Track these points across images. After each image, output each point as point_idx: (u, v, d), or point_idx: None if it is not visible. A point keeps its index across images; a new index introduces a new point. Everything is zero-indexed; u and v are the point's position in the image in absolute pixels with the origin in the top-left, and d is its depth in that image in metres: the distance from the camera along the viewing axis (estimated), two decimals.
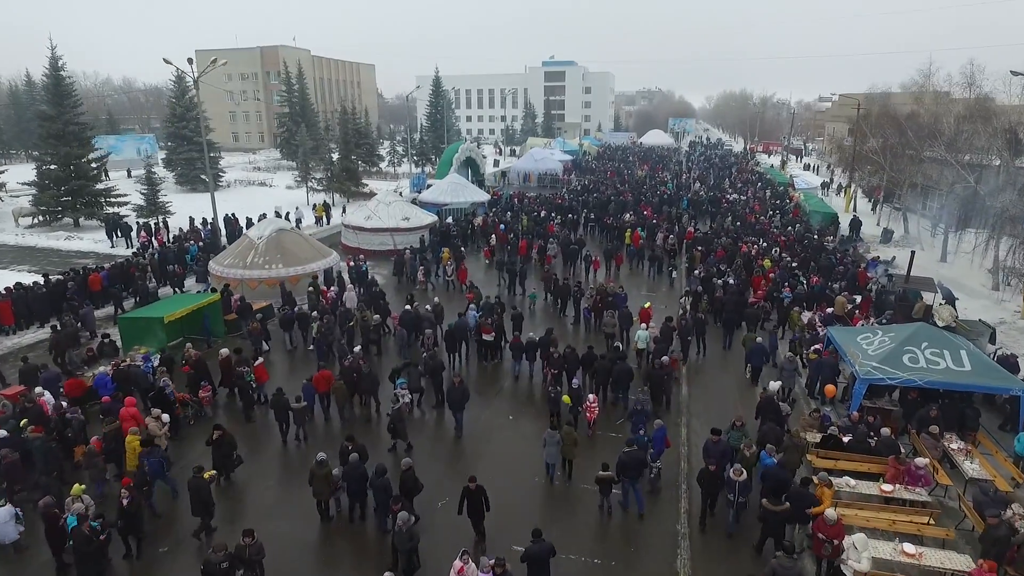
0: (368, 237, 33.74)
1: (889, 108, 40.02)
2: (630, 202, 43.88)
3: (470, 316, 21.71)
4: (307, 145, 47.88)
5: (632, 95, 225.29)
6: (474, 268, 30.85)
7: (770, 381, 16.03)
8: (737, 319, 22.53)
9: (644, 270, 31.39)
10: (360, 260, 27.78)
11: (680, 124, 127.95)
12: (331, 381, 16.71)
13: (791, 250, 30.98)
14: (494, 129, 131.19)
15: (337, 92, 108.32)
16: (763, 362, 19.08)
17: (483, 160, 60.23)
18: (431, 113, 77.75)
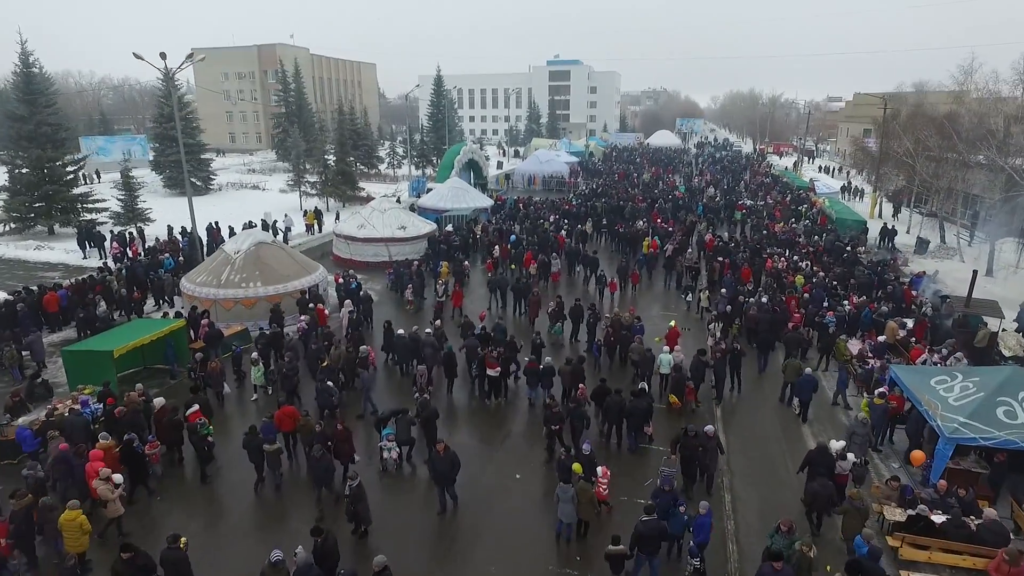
0: (361, 248, 31.11)
1: (924, 107, 37.11)
2: (643, 208, 41.21)
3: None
4: (300, 147, 45.30)
5: (637, 95, 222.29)
6: (477, 284, 28.25)
7: (832, 440, 13.25)
8: (772, 340, 19.99)
9: (663, 283, 28.81)
10: (350, 276, 25.09)
11: (688, 124, 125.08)
12: (296, 418, 14.24)
13: (823, 264, 28.24)
14: (497, 129, 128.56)
15: (337, 92, 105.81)
16: (812, 396, 16.54)
17: (486, 162, 57.59)
18: (433, 113, 75.12)
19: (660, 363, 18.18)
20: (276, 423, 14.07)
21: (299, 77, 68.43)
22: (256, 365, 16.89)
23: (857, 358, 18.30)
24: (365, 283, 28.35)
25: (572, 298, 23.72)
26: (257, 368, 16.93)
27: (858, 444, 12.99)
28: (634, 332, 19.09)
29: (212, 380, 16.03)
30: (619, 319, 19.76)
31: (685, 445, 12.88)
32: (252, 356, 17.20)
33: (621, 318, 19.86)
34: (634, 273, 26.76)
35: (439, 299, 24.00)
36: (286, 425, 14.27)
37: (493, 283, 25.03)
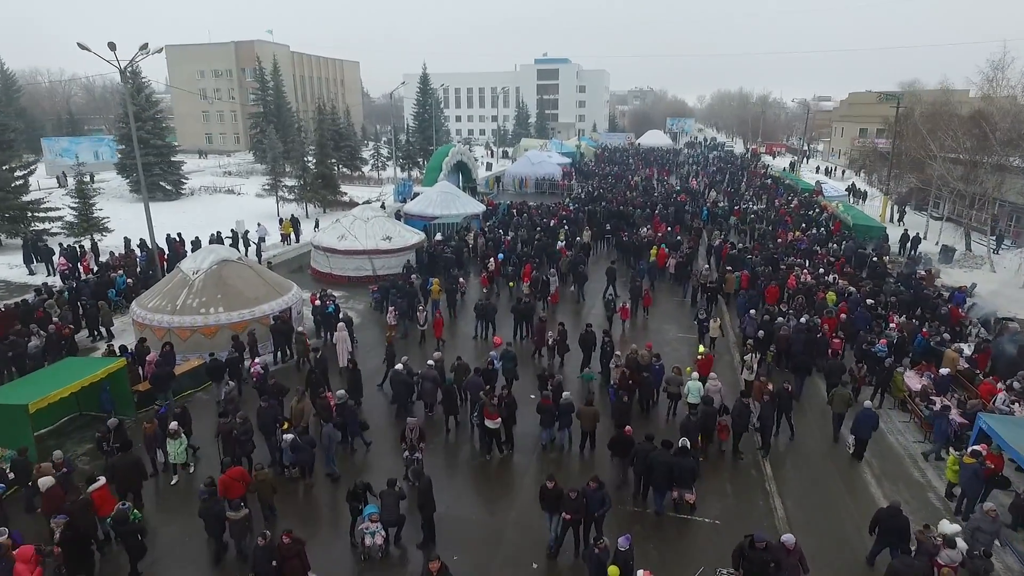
0: (341, 261, 28.13)
1: (949, 105, 34.77)
2: (647, 214, 38.60)
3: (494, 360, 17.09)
4: (277, 148, 42.12)
5: (624, 95, 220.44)
6: (472, 304, 25.37)
7: (944, 521, 10.61)
8: (808, 364, 17.66)
9: (676, 296, 26.28)
10: (327, 297, 22.09)
11: (678, 124, 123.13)
12: (247, 480, 11.59)
13: (850, 278, 25.74)
14: (485, 129, 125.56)
15: (318, 91, 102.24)
16: (871, 434, 14.19)
17: (475, 164, 54.77)
18: (418, 113, 72.10)
19: (688, 391, 15.74)
20: (221, 491, 11.23)
21: (278, 75, 65.06)
22: (175, 438, 12.88)
23: (920, 396, 15.71)
24: (348, 301, 25.54)
25: (581, 322, 21.05)
26: (177, 441, 12.91)
27: (984, 536, 10.33)
28: (654, 374, 16.23)
29: (147, 444, 12.90)
30: (635, 358, 16.68)
31: (752, 560, 9.53)
32: (171, 426, 12.95)
33: (638, 356, 16.77)
34: (646, 294, 23.88)
35: (421, 327, 21.09)
36: (234, 491, 11.46)
37: (479, 309, 21.57)
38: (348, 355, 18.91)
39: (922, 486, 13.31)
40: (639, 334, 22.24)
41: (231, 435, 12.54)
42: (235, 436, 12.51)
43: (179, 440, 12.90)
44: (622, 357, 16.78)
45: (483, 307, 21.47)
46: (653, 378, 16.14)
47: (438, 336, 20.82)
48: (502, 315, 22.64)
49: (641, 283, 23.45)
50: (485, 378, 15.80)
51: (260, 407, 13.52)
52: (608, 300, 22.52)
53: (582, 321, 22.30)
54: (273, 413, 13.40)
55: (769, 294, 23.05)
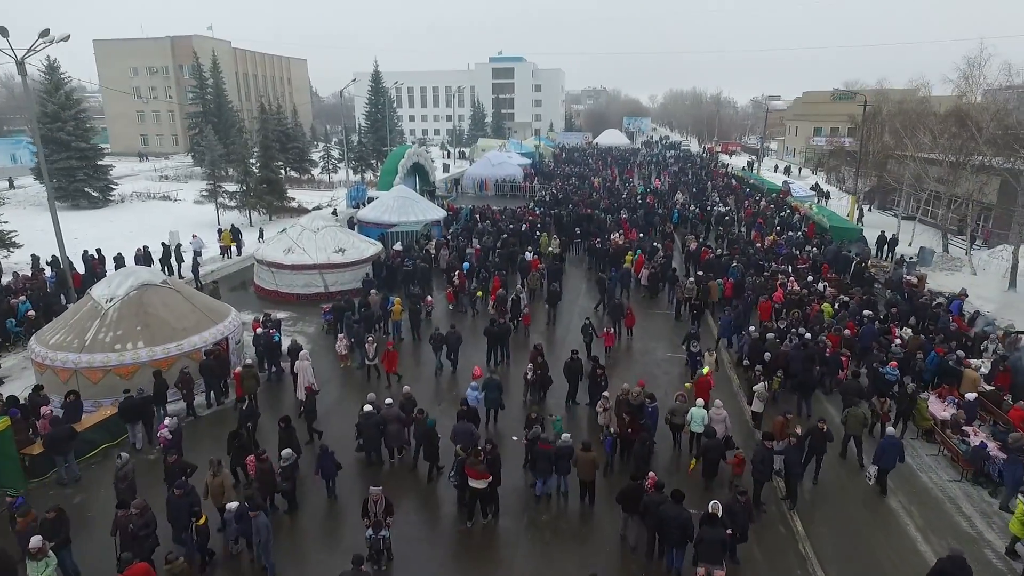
0: (289, 277, 25.15)
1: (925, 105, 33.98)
2: (617, 218, 36.70)
3: (470, 397, 14.75)
4: (215, 150, 38.52)
5: (577, 94, 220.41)
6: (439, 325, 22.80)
7: None
8: (812, 382, 16.34)
9: (656, 305, 24.41)
10: (270, 326, 19.16)
11: (635, 123, 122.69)
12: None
13: (840, 285, 24.31)
14: (439, 129, 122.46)
15: (264, 89, 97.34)
16: (896, 465, 12.73)
17: (432, 166, 52.05)
18: (371, 112, 68.80)
19: (691, 419, 13.94)
20: None
21: (218, 72, 60.74)
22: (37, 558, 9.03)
23: (951, 427, 14.04)
24: (296, 323, 22.64)
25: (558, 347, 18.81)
26: (40, 564, 9.06)
27: None
28: (649, 416, 13.93)
29: (20, 538, 9.70)
30: (626, 398, 14.32)
31: None
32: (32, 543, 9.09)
33: (629, 396, 14.38)
34: (629, 313, 21.44)
35: (370, 362, 18.09)
36: None
37: (438, 340, 18.40)
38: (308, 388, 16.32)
39: (974, 540, 11.54)
40: (623, 357, 20.14)
41: (127, 531, 9.65)
42: (132, 532, 9.63)
43: (43, 563, 9.08)
44: (611, 399, 14.39)
45: (442, 337, 18.39)
46: (648, 418, 13.85)
47: (391, 371, 17.71)
48: (471, 341, 20.24)
49: (623, 301, 21.11)
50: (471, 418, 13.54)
51: (168, 498, 10.51)
52: (585, 325, 19.41)
53: (559, 346, 20.09)
54: (187, 503, 10.36)
55: (763, 310, 21.25)
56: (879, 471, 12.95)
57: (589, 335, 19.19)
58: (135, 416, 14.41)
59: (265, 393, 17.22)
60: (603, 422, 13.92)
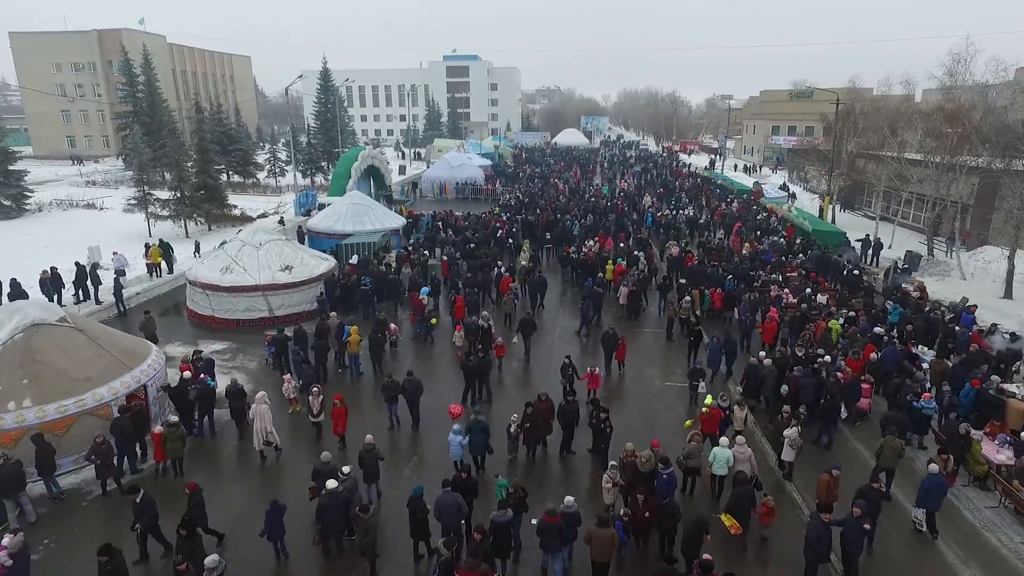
0: (226, 301, 21.83)
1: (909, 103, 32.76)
2: (590, 223, 34.37)
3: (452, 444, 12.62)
4: (143, 154, 34.51)
5: (532, 93, 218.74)
6: (405, 359, 19.94)
7: None
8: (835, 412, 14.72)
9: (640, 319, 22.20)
10: (204, 365, 15.99)
11: (593, 122, 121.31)
12: None
13: (839, 298, 22.54)
14: (393, 130, 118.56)
15: (205, 88, 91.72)
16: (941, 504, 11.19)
17: (388, 169, 48.86)
18: (320, 112, 64.88)
19: (713, 460, 12.06)
20: None
21: (150, 68, 55.93)
22: None
23: (1017, 475, 12.06)
24: (235, 356, 19.42)
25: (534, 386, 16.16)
26: None
27: None
28: (659, 487, 11.34)
29: None
30: (633, 462, 11.79)
31: None
32: None
33: (637, 460, 11.83)
34: (620, 347, 18.24)
35: (314, 418, 14.62)
36: None
37: (389, 390, 14.99)
38: (266, 436, 13.62)
39: None
40: (614, 389, 17.70)
41: None
42: None
43: None
44: (616, 469, 11.67)
45: (397, 387, 14.94)
46: (660, 488, 11.29)
47: (339, 432, 14.08)
48: (438, 378, 17.53)
49: (615, 330, 18.29)
50: (462, 490, 10.82)
51: None
52: (564, 364, 16.28)
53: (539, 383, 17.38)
54: None
55: (766, 331, 19.16)
56: (926, 515, 11.36)
57: (569, 376, 16.08)
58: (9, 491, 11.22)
59: (198, 456, 14.08)
60: (609, 501, 11.34)
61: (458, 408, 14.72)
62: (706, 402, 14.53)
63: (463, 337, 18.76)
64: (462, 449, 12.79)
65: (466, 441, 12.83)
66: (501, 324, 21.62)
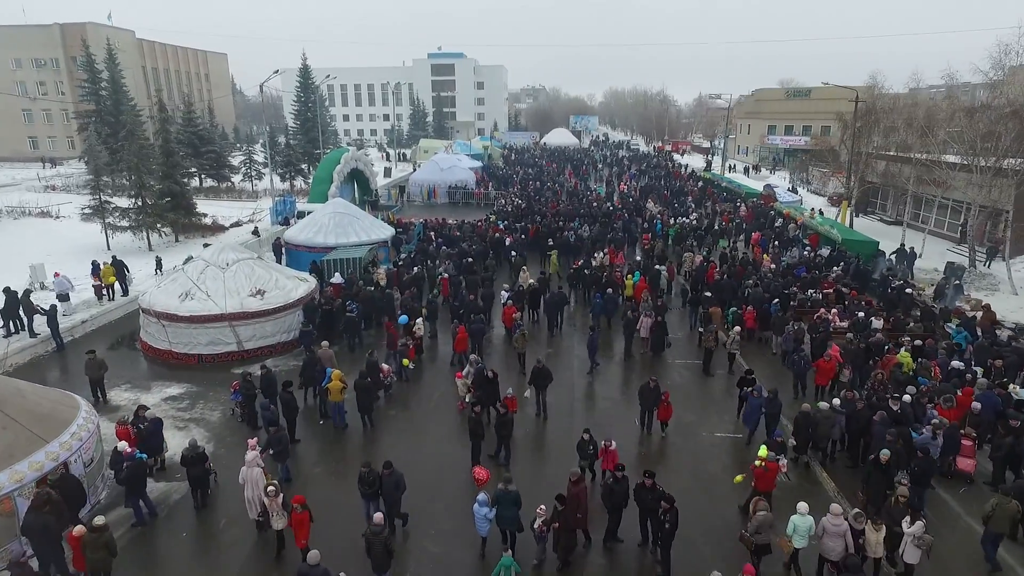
0: (186, 333, 18.48)
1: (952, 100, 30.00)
2: (597, 233, 31.38)
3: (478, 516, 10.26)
4: (99, 158, 30.91)
5: (517, 93, 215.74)
6: (403, 416, 16.73)
7: None
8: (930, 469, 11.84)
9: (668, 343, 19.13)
10: (146, 426, 12.69)
11: (583, 122, 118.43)
12: None
13: (897, 322, 19.72)
14: (376, 129, 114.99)
15: (180, 86, 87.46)
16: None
17: (373, 172, 45.51)
18: (300, 111, 61.24)
19: (792, 531, 9.98)
20: None
21: (114, 64, 51.94)
22: None
23: None
24: (195, 405, 16.11)
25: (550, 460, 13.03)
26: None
27: None
28: None
29: None
30: None
31: None
32: None
33: None
34: (664, 401, 14.32)
35: (271, 527, 10.74)
36: None
37: (366, 484, 10.93)
38: (259, 508, 10.72)
39: None
40: (656, 448, 14.61)
41: None
42: None
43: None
44: None
45: (375, 480, 10.93)
46: None
47: (301, 545, 10.12)
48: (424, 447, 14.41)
49: (657, 384, 14.52)
50: None
51: None
52: (582, 441, 12.44)
53: (553, 447, 14.32)
54: None
55: (822, 371, 16.18)
56: None
57: (590, 455, 12.36)
58: None
59: (137, 554, 10.82)
60: None
61: (484, 473, 11.87)
62: (760, 453, 11.88)
63: (467, 386, 15.52)
64: (489, 523, 10.40)
65: (492, 515, 10.34)
66: (506, 362, 18.49)
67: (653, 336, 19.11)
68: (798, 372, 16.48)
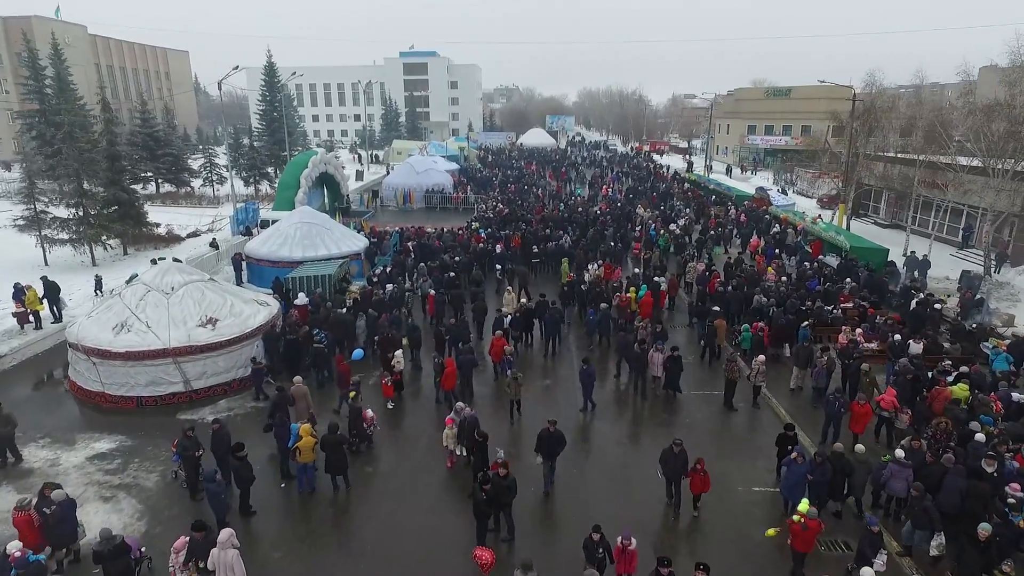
0: (122, 372, 15.63)
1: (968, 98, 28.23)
2: (591, 242, 29.08)
3: None
4: (34, 163, 27.65)
5: (490, 93, 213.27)
6: (380, 481, 14.11)
7: None
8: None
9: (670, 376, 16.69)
10: (51, 508, 9.93)
11: (559, 122, 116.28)
12: None
13: (930, 341, 17.77)
14: (347, 130, 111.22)
15: (137, 85, 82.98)
16: None
17: (344, 176, 42.60)
18: (265, 112, 57.87)
19: None
20: None
21: (60, 60, 47.99)
22: None
23: None
24: (128, 464, 13.36)
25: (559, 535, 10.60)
26: None
27: None
28: None
29: None
30: None
31: None
32: None
33: None
34: (698, 469, 11.48)
35: None
36: None
37: None
38: None
39: None
40: (683, 512, 12.28)
41: None
42: None
43: None
44: None
45: None
46: None
47: None
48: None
49: (682, 448, 11.60)
50: None
51: None
52: (587, 543, 9.48)
53: (562, 526, 11.76)
54: None
55: (857, 417, 13.53)
56: None
57: (600, 559, 9.37)
58: None
59: None
60: None
61: (488, 555, 9.58)
62: (800, 508, 10.17)
63: (455, 438, 12.98)
64: None
65: None
66: (494, 405, 15.98)
67: (668, 374, 16.28)
68: (832, 415, 13.95)
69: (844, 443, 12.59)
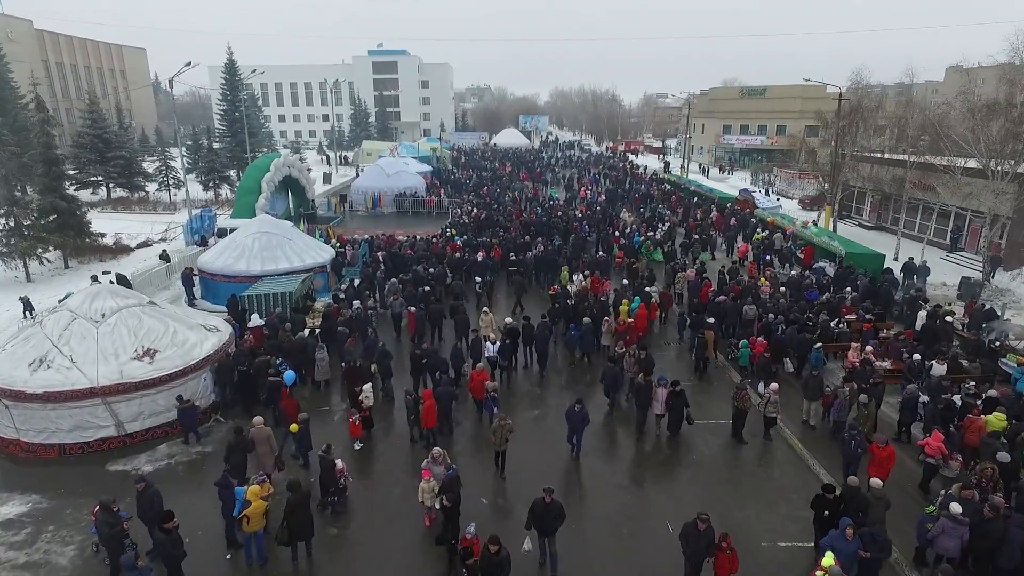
0: (40, 416, 13.35)
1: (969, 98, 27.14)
2: (571, 252, 27.32)
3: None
4: None
5: (462, 92, 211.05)
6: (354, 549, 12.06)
7: None
8: None
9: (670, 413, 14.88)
10: None
11: (532, 122, 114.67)
12: None
13: (952, 361, 16.40)
14: (315, 131, 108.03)
15: (88, 84, 78.82)
16: None
17: (310, 179, 40.21)
18: (227, 112, 54.99)
19: None
20: None
21: None
22: None
23: None
24: (35, 539, 11.15)
25: None
26: None
27: None
28: None
29: None
30: None
31: None
32: None
33: None
34: (723, 550, 9.29)
35: None
36: None
37: None
38: None
39: None
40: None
41: None
42: None
43: None
44: None
45: None
46: None
47: None
48: None
49: (709, 524, 9.43)
50: None
51: None
52: None
53: None
54: None
55: (877, 461, 11.51)
56: None
57: None
58: None
59: None
60: None
61: None
62: (824, 563, 8.85)
63: (434, 493, 10.97)
64: None
65: None
66: (475, 450, 14.05)
67: (671, 413, 14.20)
68: (850, 457, 12.24)
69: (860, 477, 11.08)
